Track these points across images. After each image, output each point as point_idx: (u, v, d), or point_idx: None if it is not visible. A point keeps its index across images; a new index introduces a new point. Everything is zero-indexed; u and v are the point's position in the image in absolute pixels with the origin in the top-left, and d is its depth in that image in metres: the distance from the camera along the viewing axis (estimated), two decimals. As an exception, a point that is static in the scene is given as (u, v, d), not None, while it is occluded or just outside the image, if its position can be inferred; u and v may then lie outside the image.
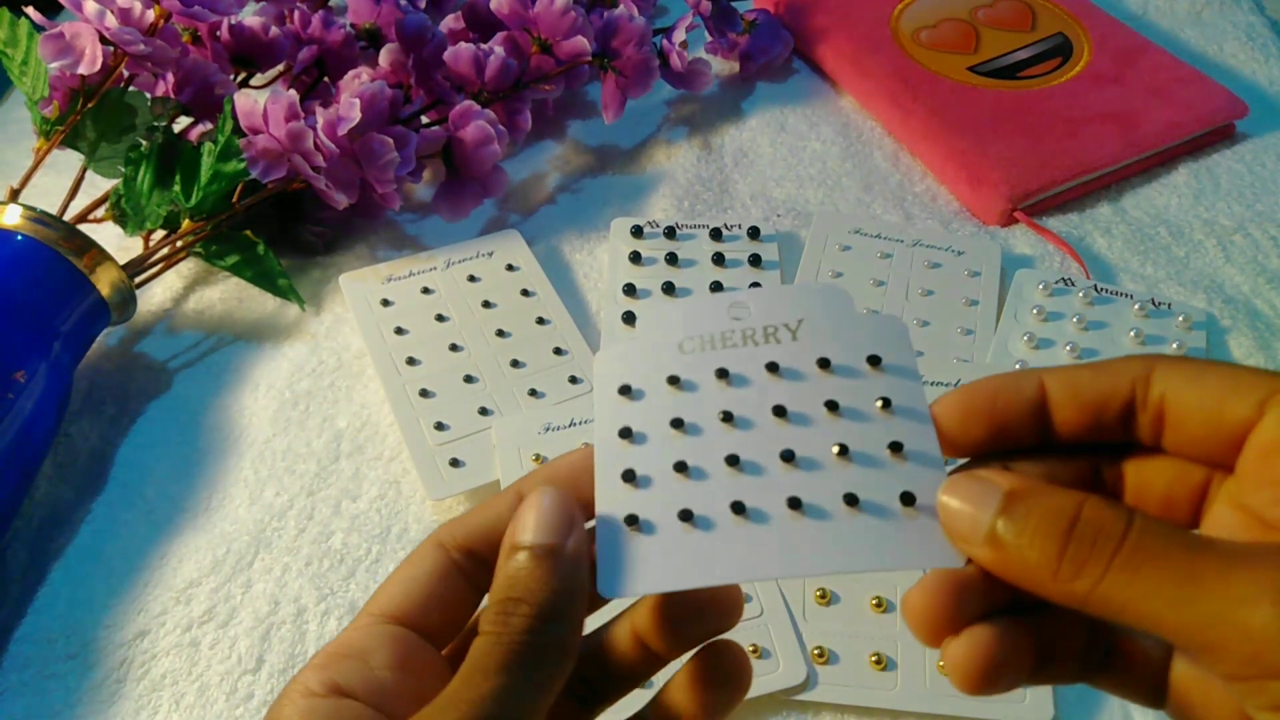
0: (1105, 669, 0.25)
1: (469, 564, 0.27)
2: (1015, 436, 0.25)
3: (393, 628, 0.26)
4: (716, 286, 0.56)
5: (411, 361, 0.54)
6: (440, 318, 0.56)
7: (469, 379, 0.53)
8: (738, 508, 0.26)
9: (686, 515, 0.26)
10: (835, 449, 0.26)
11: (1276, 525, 0.23)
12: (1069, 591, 0.22)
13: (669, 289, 0.56)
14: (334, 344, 0.57)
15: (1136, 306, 0.54)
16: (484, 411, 0.52)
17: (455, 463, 0.50)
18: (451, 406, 0.52)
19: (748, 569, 0.25)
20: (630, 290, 0.56)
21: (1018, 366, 0.52)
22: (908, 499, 0.25)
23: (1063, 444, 0.25)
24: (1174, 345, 0.52)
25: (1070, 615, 0.22)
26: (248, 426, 0.53)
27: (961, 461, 0.27)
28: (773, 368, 0.27)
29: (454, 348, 0.55)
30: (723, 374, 0.28)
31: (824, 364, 0.27)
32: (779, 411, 0.27)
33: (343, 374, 0.56)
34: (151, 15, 0.56)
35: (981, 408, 0.25)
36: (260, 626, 0.45)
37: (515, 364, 0.54)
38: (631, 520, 0.26)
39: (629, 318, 0.55)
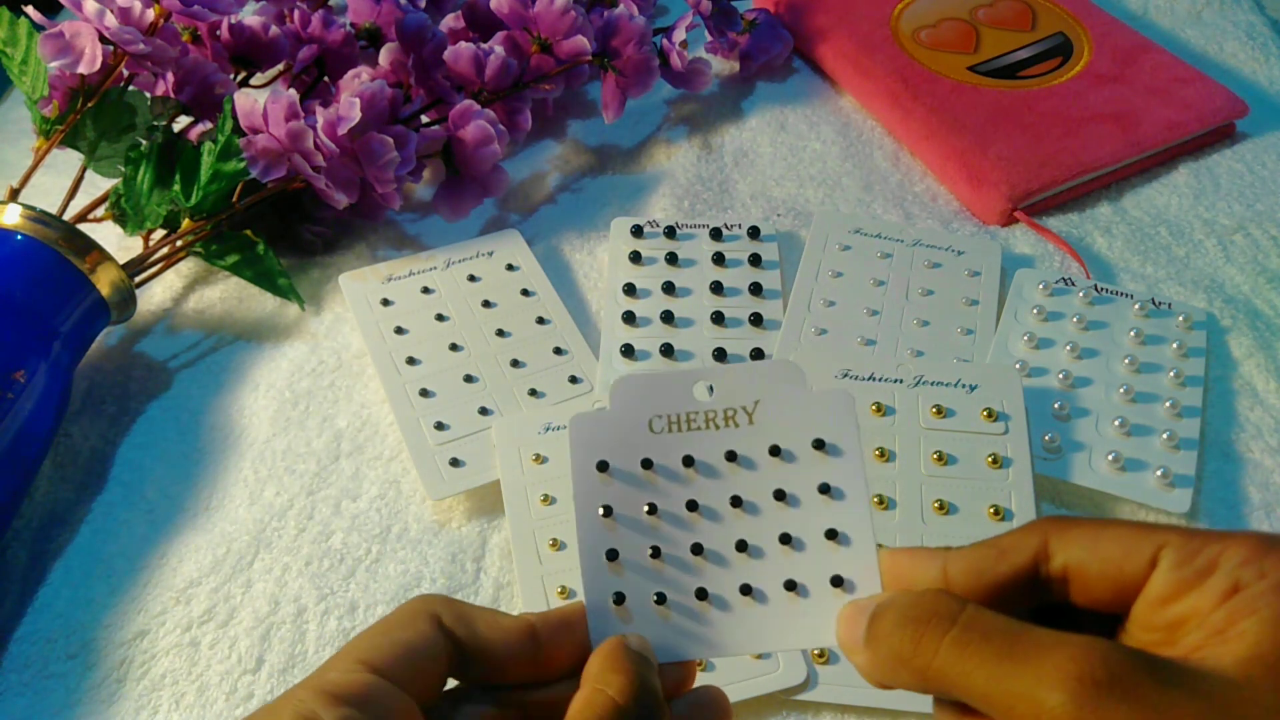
0: None
1: (454, 654, 0.28)
2: None
3: (385, 684, 0.26)
4: (716, 287, 0.56)
5: (411, 361, 0.54)
6: (440, 317, 0.56)
7: (469, 379, 0.53)
8: (701, 594, 0.30)
9: (661, 599, 0.30)
10: (779, 538, 0.30)
11: None
12: (917, 670, 0.25)
13: (669, 289, 0.56)
14: (334, 344, 0.57)
15: (1137, 306, 0.54)
16: (484, 411, 0.52)
17: (455, 462, 0.50)
18: (451, 406, 0.52)
19: (709, 648, 0.30)
20: (630, 290, 0.56)
21: (1018, 366, 0.52)
22: (837, 581, 0.30)
23: None
24: (1174, 345, 0.52)
25: None
26: (248, 426, 0.53)
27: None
28: (731, 456, 0.31)
29: (454, 347, 0.55)
30: (689, 462, 0.31)
31: (774, 451, 0.31)
32: (735, 502, 0.31)
33: (343, 374, 0.56)
34: (151, 15, 0.56)
35: (898, 586, 0.29)
36: (260, 626, 0.45)
37: (515, 364, 0.54)
38: (619, 600, 0.30)
39: (629, 317, 0.55)
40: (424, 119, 0.62)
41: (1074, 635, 0.23)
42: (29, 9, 0.58)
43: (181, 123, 0.62)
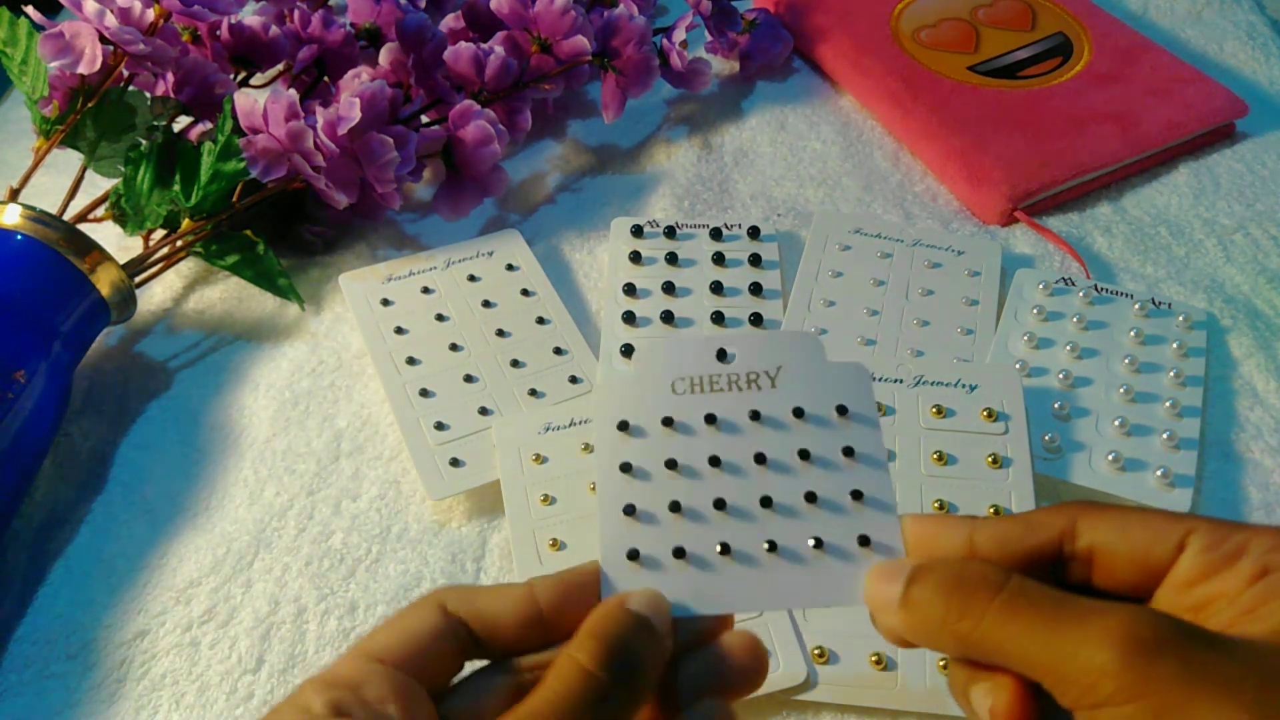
0: None
1: (465, 635, 0.28)
2: None
3: (385, 668, 0.27)
4: (716, 287, 0.56)
5: (411, 361, 0.54)
6: (440, 317, 0.56)
7: (469, 379, 0.53)
8: (724, 548, 0.30)
9: (680, 553, 0.30)
10: (805, 496, 0.30)
11: None
12: (960, 635, 0.25)
13: (669, 289, 0.56)
14: (334, 344, 0.57)
15: (1137, 306, 0.54)
16: (484, 411, 0.52)
17: (455, 462, 0.50)
18: (451, 406, 0.52)
19: (731, 603, 0.29)
20: (630, 290, 0.56)
21: (1018, 366, 0.52)
22: (864, 541, 0.29)
23: None
24: (1174, 345, 0.52)
25: None
26: (248, 426, 0.53)
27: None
28: (755, 415, 0.31)
29: (454, 347, 0.55)
30: (711, 419, 0.31)
31: (799, 413, 0.31)
32: (759, 459, 0.31)
33: (343, 374, 0.56)
34: (151, 15, 0.56)
35: (923, 552, 0.29)
36: (260, 626, 0.45)
37: (515, 364, 0.54)
38: (633, 555, 0.30)
39: (629, 317, 0.55)
40: (424, 119, 0.62)
41: (1117, 603, 0.24)
42: (29, 9, 0.58)
43: (181, 123, 0.62)
